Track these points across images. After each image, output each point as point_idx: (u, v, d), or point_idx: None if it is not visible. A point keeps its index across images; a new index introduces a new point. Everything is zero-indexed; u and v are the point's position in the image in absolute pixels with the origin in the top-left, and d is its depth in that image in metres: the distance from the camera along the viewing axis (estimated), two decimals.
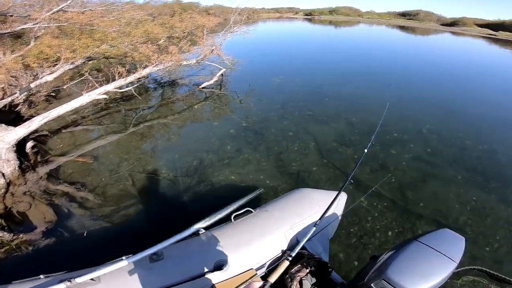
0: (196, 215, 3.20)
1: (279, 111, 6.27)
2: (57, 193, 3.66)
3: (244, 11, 9.40)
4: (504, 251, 3.05)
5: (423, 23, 43.69)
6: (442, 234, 1.63)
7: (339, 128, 5.56)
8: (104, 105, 6.34)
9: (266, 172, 4.14)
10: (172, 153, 4.57)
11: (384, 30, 32.11)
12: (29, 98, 6.05)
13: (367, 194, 3.45)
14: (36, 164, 4.20)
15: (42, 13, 4.57)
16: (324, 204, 2.27)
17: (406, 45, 19.86)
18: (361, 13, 54.19)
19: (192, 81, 8.24)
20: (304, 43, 18.37)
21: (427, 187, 3.96)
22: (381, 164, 4.45)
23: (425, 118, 6.23)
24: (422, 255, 1.48)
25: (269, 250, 2.06)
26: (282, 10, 62.28)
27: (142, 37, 6.64)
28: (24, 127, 4.04)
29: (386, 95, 7.76)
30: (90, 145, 4.80)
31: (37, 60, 5.97)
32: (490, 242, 3.15)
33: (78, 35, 5.88)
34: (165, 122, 5.77)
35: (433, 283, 1.36)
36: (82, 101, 4.61)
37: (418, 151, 4.86)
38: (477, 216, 3.50)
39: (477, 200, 3.76)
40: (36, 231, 3.05)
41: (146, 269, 1.83)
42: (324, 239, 2.22)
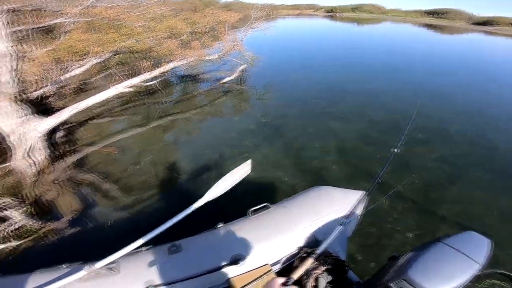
0: (214, 209, 3.24)
1: (300, 108, 6.19)
2: (83, 183, 3.79)
3: (265, 7, 9.33)
4: None
5: (453, 21, 41.59)
6: (468, 237, 1.59)
7: (362, 127, 5.40)
8: (128, 98, 6.52)
9: (285, 169, 4.09)
10: (192, 146, 4.63)
11: (410, 28, 30.87)
12: (59, 90, 6.33)
13: (388, 194, 3.32)
14: (64, 153, 4.38)
15: (73, 8, 4.73)
16: (344, 203, 2.27)
17: (434, 44, 18.97)
18: (385, 11, 52.34)
19: (212, 76, 8.31)
20: (325, 40, 18.01)
21: (453, 189, 3.79)
22: (404, 164, 4.27)
23: (453, 118, 5.94)
24: (445, 257, 1.45)
25: (286, 246, 2.05)
26: (301, 7, 61.42)
27: (166, 32, 6.75)
28: (55, 118, 4.22)
29: (413, 93, 7.44)
30: (115, 137, 4.95)
31: (67, 54, 6.24)
32: None
33: (106, 29, 6.06)
34: (186, 116, 5.86)
35: (455, 285, 1.32)
36: (109, 93, 4.75)
37: (444, 152, 4.66)
38: (505, 220, 3.32)
39: (505, 205, 3.56)
40: (62, 220, 3.14)
41: (164, 260, 1.87)
42: (342, 237, 2.18)
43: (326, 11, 57.38)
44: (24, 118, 4.01)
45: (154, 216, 3.23)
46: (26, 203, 3.32)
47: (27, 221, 2.99)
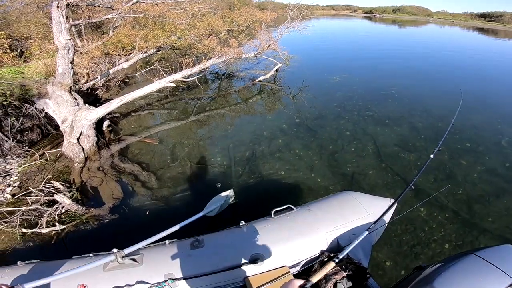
0: (238, 207, 3.29)
1: (335, 110, 6.02)
2: (124, 171, 3.99)
3: (301, 7, 9.19)
4: None
5: (509, 26, 38.01)
6: (504, 250, 1.47)
7: (402, 132, 5.13)
8: (168, 93, 6.80)
9: (318, 170, 4.01)
10: (227, 142, 4.70)
11: (458, 32, 28.77)
12: (107, 83, 6.77)
13: (419, 204, 3.13)
14: (109, 142, 4.67)
15: (122, 4, 5.01)
16: (371, 209, 2.21)
17: (486, 50, 17.50)
18: (430, 13, 49.39)
19: (247, 75, 8.39)
20: (363, 42, 17.37)
21: (499, 203, 3.52)
22: (448, 174, 4.03)
23: (506, 129, 5.42)
24: (475, 269, 1.36)
25: (306, 249, 2.03)
26: (338, 7, 59.90)
27: (205, 30, 6.92)
28: (103, 108, 4.50)
29: (457, 100, 6.90)
30: (154, 129, 5.18)
31: (115, 48, 6.65)
32: None
33: (151, 26, 6.35)
34: (222, 112, 5.97)
35: None
36: (153, 87, 4.97)
37: (493, 164, 4.30)
38: None
39: None
40: (104, 206, 3.29)
41: (186, 254, 1.91)
42: (367, 244, 2.12)
43: (364, 12, 55.43)
44: (76, 107, 4.33)
45: (187, 208, 3.32)
46: (73, 188, 3.54)
47: (73, 206, 3.16)
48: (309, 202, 2.43)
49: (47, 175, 3.76)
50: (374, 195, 2.47)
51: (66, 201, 3.15)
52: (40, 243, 2.81)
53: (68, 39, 4.15)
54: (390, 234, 3.00)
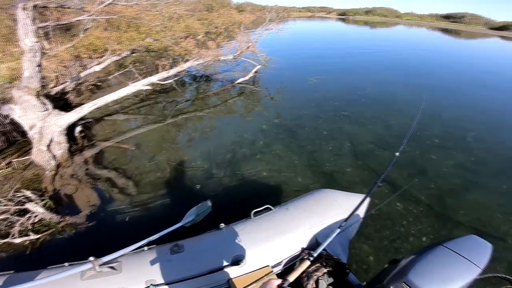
0: (225, 208, 3.30)
1: (313, 110, 6.16)
2: (101, 178, 3.85)
3: (279, 9, 9.34)
4: None
5: (470, 26, 40.76)
6: (469, 240, 1.58)
7: (376, 130, 5.35)
8: (144, 96, 6.62)
9: (298, 170, 4.09)
10: (207, 145, 4.66)
11: (425, 32, 30.41)
12: (78, 86, 6.48)
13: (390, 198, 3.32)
14: (83, 148, 4.48)
15: (94, 5, 4.83)
16: (346, 206, 2.29)
17: (449, 49, 18.63)
18: (399, 15, 51.78)
19: (226, 77, 8.35)
20: (337, 43, 17.90)
21: (469, 196, 3.76)
22: (420, 169, 4.26)
23: (471, 125, 5.82)
24: (445, 260, 1.44)
25: (287, 248, 2.06)
26: (314, 9, 61.29)
27: (182, 32, 6.82)
28: (75, 113, 4.31)
29: (425, 98, 7.31)
30: (131, 134, 5.03)
31: (86, 51, 6.38)
32: None
33: (125, 28, 6.16)
34: (201, 115, 5.91)
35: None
36: (128, 90, 4.83)
37: (460, 158, 4.60)
38: None
39: None
40: (80, 214, 3.18)
41: (166, 260, 1.89)
42: (344, 240, 2.19)
43: (338, 14, 57.10)
44: (45, 113, 4.11)
45: (167, 213, 3.27)
46: (45, 196, 3.38)
47: (47, 215, 3.02)
48: (287, 201, 2.46)
49: (15, 184, 3.55)
50: (348, 192, 2.55)
51: (39, 210, 3.01)
52: (14, 254, 2.68)
53: (35, 41, 3.93)
54: (371, 230, 3.11)
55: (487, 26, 40.87)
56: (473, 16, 43.52)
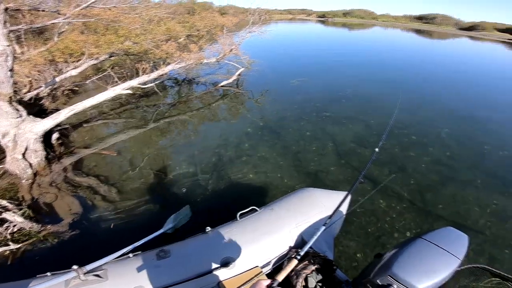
0: (212, 211, 3.30)
1: (296, 112, 6.26)
2: (82, 185, 3.74)
3: (262, 11, 9.43)
4: None
5: (441, 27, 42.83)
6: (446, 232, 1.65)
7: (356, 129, 5.51)
8: (124, 101, 6.47)
9: (284, 171, 4.15)
10: (191, 149, 4.62)
11: (399, 33, 31.62)
12: (53, 92, 6.22)
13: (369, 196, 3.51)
14: (61, 156, 4.30)
15: (70, 8, 4.67)
16: (328, 203, 2.34)
17: (423, 49, 19.46)
18: (376, 16, 53.49)
19: (209, 80, 8.31)
20: (318, 44, 18.26)
21: (446, 190, 3.94)
22: (400, 166, 4.42)
23: (444, 122, 6.13)
24: (426, 252, 1.50)
25: (275, 248, 2.08)
26: (294, 12, 62.14)
27: (163, 35, 6.72)
28: (51, 119, 4.14)
29: (401, 98, 7.62)
30: (112, 139, 4.90)
31: (62, 55, 6.14)
32: (510, 244, 3.15)
33: (103, 31, 5.99)
34: (184, 119, 5.85)
35: (437, 280, 1.38)
36: (107, 95, 4.70)
37: (437, 154, 4.82)
38: (497, 219, 3.49)
39: (497, 204, 3.73)
40: (62, 222, 3.09)
41: (153, 266, 1.86)
42: (329, 237, 2.24)
43: (318, 16, 58.24)
44: (19, 119, 3.93)
45: (152, 219, 3.21)
46: (23, 205, 3.24)
47: (26, 224, 2.91)
48: (271, 202, 2.49)
49: None
50: (330, 190, 2.62)
51: (18, 219, 2.90)
52: None
53: (6, 45, 3.75)
54: (357, 227, 3.21)
55: (456, 26, 43.10)
56: (444, 17, 45.73)
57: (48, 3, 5.33)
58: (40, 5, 4.64)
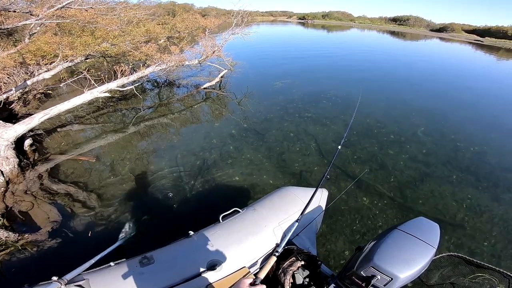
0: (183, 218, 3.27)
1: (279, 113, 6.32)
2: (59, 192, 3.59)
3: (244, 13, 9.44)
4: (501, 246, 3.24)
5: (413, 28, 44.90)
6: (420, 222, 1.73)
7: (337, 129, 5.65)
8: (102, 104, 6.26)
9: (269, 172, 4.18)
10: (174, 152, 4.54)
11: (375, 35, 32.74)
12: (24, 95, 5.92)
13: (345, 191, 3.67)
14: (35, 163, 4.10)
15: (44, 9, 4.47)
16: (306, 200, 2.36)
17: (397, 51, 20.23)
18: (353, 18, 55.18)
19: (191, 82, 8.21)
20: (299, 46, 18.56)
21: (425, 186, 4.12)
22: (380, 164, 4.58)
23: (419, 121, 6.40)
24: (403, 242, 1.57)
25: (260, 247, 2.09)
26: (276, 14, 62.88)
27: (143, 37, 6.57)
28: (24, 124, 3.95)
29: (375, 98, 7.93)
30: (90, 144, 4.73)
31: (33, 57, 5.86)
32: (487, 237, 3.32)
33: (78, 32, 5.77)
34: (165, 122, 5.74)
35: (417, 268, 1.46)
36: (84, 98, 4.53)
37: (414, 152, 5.02)
38: (473, 213, 3.69)
39: (471, 198, 3.94)
40: (41, 231, 2.97)
41: (136, 273, 1.81)
42: (311, 234, 2.29)
43: (298, 18, 59.23)
44: None
45: (136, 225, 3.13)
46: None
47: (2, 233, 2.81)
48: (253, 202, 2.53)
49: None
50: (307, 187, 2.69)
51: None
52: None
53: None
54: (342, 225, 3.30)
55: (428, 28, 45.35)
56: (416, 18, 48.01)
57: (19, 4, 5.07)
58: (11, 5, 4.41)
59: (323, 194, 2.49)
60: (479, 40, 34.02)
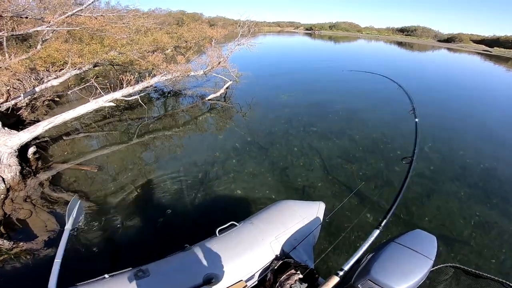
0: (198, 229, 3.21)
1: (284, 126, 6.26)
2: (59, 201, 3.56)
3: (251, 24, 9.51)
4: (510, 262, 3.12)
5: (421, 39, 44.90)
6: (416, 234, 1.74)
7: (343, 144, 5.56)
8: (107, 113, 6.30)
9: (272, 187, 4.11)
10: (177, 165, 4.50)
11: (382, 46, 32.77)
12: (32, 102, 5.99)
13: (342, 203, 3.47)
14: (37, 171, 4.10)
15: (55, 16, 4.55)
16: (305, 214, 2.41)
17: (405, 62, 20.13)
18: (360, 29, 55.50)
19: (196, 93, 8.24)
20: (306, 56, 18.64)
21: (431, 203, 4.01)
22: (385, 180, 4.47)
23: (426, 137, 6.26)
24: (401, 255, 1.58)
25: (257, 261, 2.07)
26: (283, 24, 63.64)
27: (150, 46, 6.64)
28: (28, 132, 3.96)
29: (386, 112, 7.80)
30: (93, 154, 4.72)
31: (44, 63, 5.95)
32: (495, 254, 3.22)
33: (87, 40, 5.85)
34: (169, 133, 5.73)
35: (414, 281, 1.45)
36: (89, 107, 4.55)
37: (421, 168, 4.89)
38: (481, 229, 3.57)
39: (480, 215, 3.83)
40: (37, 240, 2.94)
41: (132, 286, 1.79)
42: (308, 247, 2.28)
43: (305, 28, 59.84)
44: None
45: (132, 238, 3.08)
46: None
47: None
48: (250, 216, 2.50)
49: None
50: (306, 201, 2.67)
51: None
52: None
53: None
54: (345, 241, 3.22)
55: (436, 38, 45.32)
56: (424, 29, 48.08)
57: (34, 10, 5.18)
58: (25, 12, 4.50)
59: (320, 208, 2.52)
60: (488, 51, 33.81)
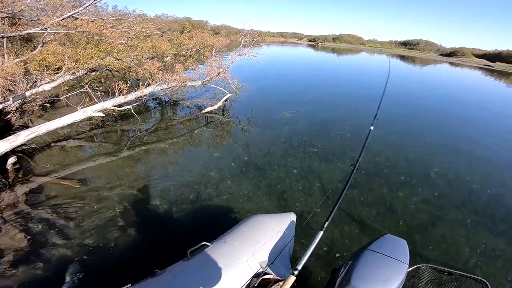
0: (147, 256, 2.91)
1: (283, 146, 5.96)
2: (34, 218, 3.30)
3: (254, 33, 9.32)
4: None
5: (423, 52, 45.21)
6: (387, 240, 1.80)
7: (344, 168, 5.26)
8: (99, 121, 6.02)
9: (268, 212, 3.79)
10: (167, 182, 4.23)
11: (385, 60, 32.81)
12: (22, 106, 5.73)
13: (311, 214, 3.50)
14: (15, 183, 3.83)
15: (52, 18, 4.34)
16: (277, 227, 2.40)
17: (409, 79, 20.05)
18: (363, 41, 56.02)
19: (193, 104, 7.96)
20: (309, 69, 18.55)
21: (436, 230, 3.83)
22: (388, 207, 4.23)
23: (433, 161, 6.00)
24: (377, 262, 1.60)
25: (235, 281, 1.98)
26: (286, 35, 64.32)
27: (148, 52, 6.43)
28: (7, 142, 3.69)
29: (386, 131, 7.53)
30: (79, 166, 4.44)
31: (38, 67, 5.71)
32: (502, 283, 3.12)
33: (84, 44, 5.63)
34: (162, 147, 5.44)
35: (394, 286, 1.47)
36: (76, 117, 4.28)
37: (426, 194, 4.67)
38: (487, 258, 3.43)
39: (486, 243, 3.68)
40: (2, 260, 2.72)
41: None
42: (285, 260, 2.27)
43: (309, 40, 60.40)
44: None
45: (108, 262, 2.83)
46: None
47: None
48: (222, 234, 2.36)
49: None
50: (276, 213, 2.62)
51: None
52: None
53: None
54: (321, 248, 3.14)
55: (438, 52, 45.64)
56: (427, 42, 48.55)
57: (30, 11, 4.97)
58: (20, 13, 4.28)
59: (291, 218, 2.51)
60: (489, 65, 33.90)
